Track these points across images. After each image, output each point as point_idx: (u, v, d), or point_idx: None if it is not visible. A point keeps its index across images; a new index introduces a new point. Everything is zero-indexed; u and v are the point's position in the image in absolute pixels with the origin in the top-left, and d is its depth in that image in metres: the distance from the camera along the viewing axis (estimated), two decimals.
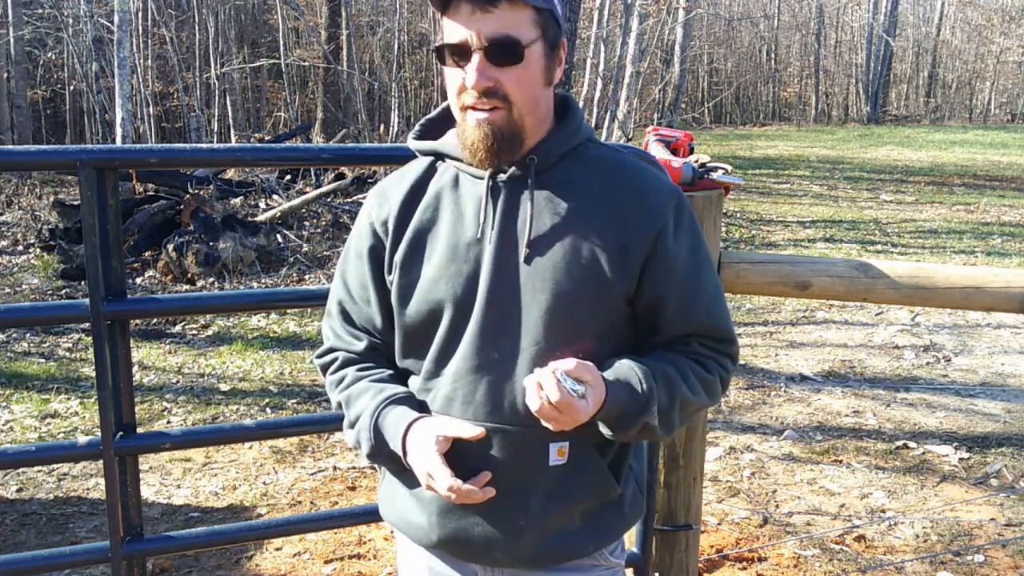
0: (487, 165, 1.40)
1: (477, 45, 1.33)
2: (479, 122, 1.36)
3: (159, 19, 17.34)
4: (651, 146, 2.11)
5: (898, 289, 2.00)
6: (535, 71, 1.38)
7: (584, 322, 1.40)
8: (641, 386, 1.37)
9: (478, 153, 1.38)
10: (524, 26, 1.35)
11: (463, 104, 1.38)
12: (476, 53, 1.34)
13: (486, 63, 1.34)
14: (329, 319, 1.58)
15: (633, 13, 13.09)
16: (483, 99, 1.35)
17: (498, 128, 1.36)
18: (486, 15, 1.32)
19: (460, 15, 1.34)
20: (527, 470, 1.41)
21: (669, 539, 2.16)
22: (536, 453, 1.41)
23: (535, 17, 1.36)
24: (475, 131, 1.37)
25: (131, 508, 1.97)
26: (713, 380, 1.46)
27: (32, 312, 2.83)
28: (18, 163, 2.02)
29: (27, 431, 4.54)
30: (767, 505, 3.77)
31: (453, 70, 1.37)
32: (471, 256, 1.41)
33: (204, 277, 7.45)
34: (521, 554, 1.44)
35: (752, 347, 6.00)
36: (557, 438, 1.40)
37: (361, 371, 1.51)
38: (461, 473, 1.38)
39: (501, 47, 1.33)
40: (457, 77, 1.37)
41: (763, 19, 31.01)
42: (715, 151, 18.37)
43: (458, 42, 1.34)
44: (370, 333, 1.53)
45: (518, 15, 1.34)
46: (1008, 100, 32.67)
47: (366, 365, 1.52)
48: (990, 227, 10.61)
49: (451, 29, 1.35)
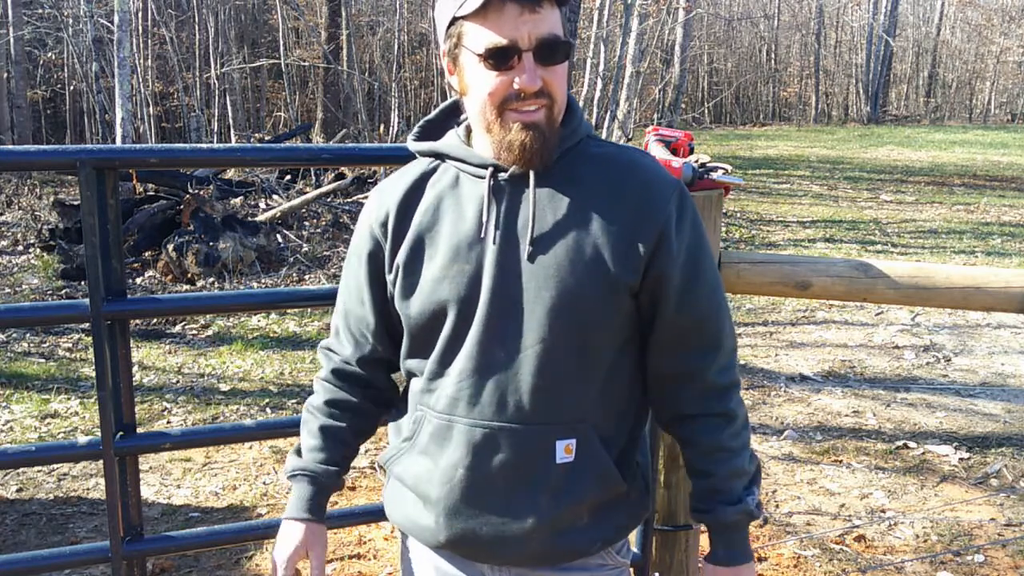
0: (532, 165, 1.40)
1: (527, 46, 1.33)
2: (527, 124, 1.36)
3: (159, 19, 17.34)
4: (651, 146, 2.11)
5: (898, 289, 2.00)
6: (567, 69, 1.41)
7: (589, 318, 1.40)
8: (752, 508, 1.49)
9: (528, 154, 1.38)
10: (560, 25, 1.38)
11: (504, 107, 1.37)
12: (526, 54, 1.34)
13: (535, 64, 1.34)
14: (335, 314, 1.62)
15: (633, 13, 13.08)
16: (531, 99, 1.36)
17: (543, 127, 1.38)
18: (534, 16, 1.33)
19: (506, 18, 1.33)
20: (534, 468, 1.41)
21: (669, 539, 2.16)
22: (543, 451, 1.41)
23: (562, 15, 1.39)
24: (522, 132, 1.37)
25: (131, 508, 1.97)
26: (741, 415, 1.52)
27: (32, 312, 2.82)
28: (18, 163, 2.02)
29: (27, 431, 4.54)
30: (767, 505, 3.77)
31: (489, 73, 1.36)
32: (473, 255, 1.41)
33: (204, 277, 7.45)
34: (531, 552, 1.44)
35: (752, 347, 6.00)
36: (564, 435, 1.41)
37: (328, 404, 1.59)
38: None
39: (551, 47, 1.35)
40: (495, 81, 1.35)
41: (763, 19, 31.01)
42: (715, 151, 18.36)
43: (506, 44, 1.33)
44: (363, 336, 1.55)
45: (555, 14, 1.37)
46: (1008, 100, 32.66)
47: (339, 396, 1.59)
48: (990, 227, 10.61)
49: (492, 32, 1.34)
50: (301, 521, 1.54)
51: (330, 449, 1.57)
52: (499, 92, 1.36)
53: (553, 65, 1.36)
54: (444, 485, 1.43)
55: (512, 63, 1.34)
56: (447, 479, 1.43)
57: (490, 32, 1.34)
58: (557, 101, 1.39)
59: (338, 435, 1.58)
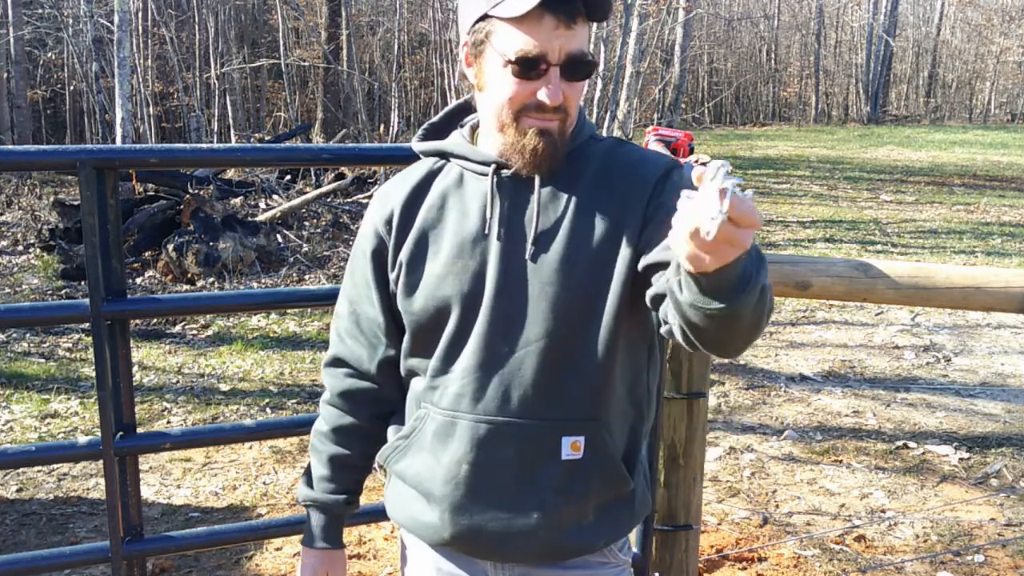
0: (541, 171, 1.41)
1: (557, 61, 1.34)
2: (542, 131, 1.38)
3: (159, 19, 17.34)
4: (651, 146, 2.11)
5: (898, 289, 2.00)
6: (586, 85, 1.43)
7: (593, 313, 1.40)
8: None
9: (538, 159, 1.39)
10: (587, 43, 1.39)
11: (521, 113, 1.38)
12: (554, 69, 1.35)
13: (560, 79, 1.35)
14: (336, 320, 1.59)
15: (633, 13, 13.08)
16: (550, 113, 1.37)
17: (556, 137, 1.39)
18: (568, 31, 1.33)
19: (542, 28, 1.33)
20: (539, 464, 1.41)
21: (669, 539, 2.16)
22: (548, 447, 1.41)
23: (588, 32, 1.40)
24: (536, 139, 1.38)
25: (131, 508, 1.97)
26: None
27: (32, 312, 2.83)
28: (18, 163, 2.02)
29: (27, 431, 4.54)
30: (767, 505, 3.77)
31: (513, 79, 1.36)
32: (477, 252, 1.41)
33: (204, 277, 7.45)
34: (536, 549, 1.44)
35: (752, 347, 6.00)
36: (570, 432, 1.41)
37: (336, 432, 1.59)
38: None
39: (578, 64, 1.36)
40: (517, 87, 1.36)
41: (763, 19, 31.01)
42: (715, 151, 18.36)
43: (537, 55, 1.34)
44: (376, 336, 1.53)
45: (585, 32, 1.37)
46: (1008, 100, 32.67)
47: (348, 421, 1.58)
48: (990, 227, 10.61)
49: (524, 39, 1.34)
50: (319, 550, 1.61)
51: (340, 480, 1.60)
52: (519, 99, 1.37)
53: (576, 81, 1.38)
54: (448, 482, 1.43)
55: (538, 73, 1.35)
56: (451, 475, 1.43)
57: (524, 39, 1.34)
58: (571, 115, 1.41)
59: (347, 463, 1.60)
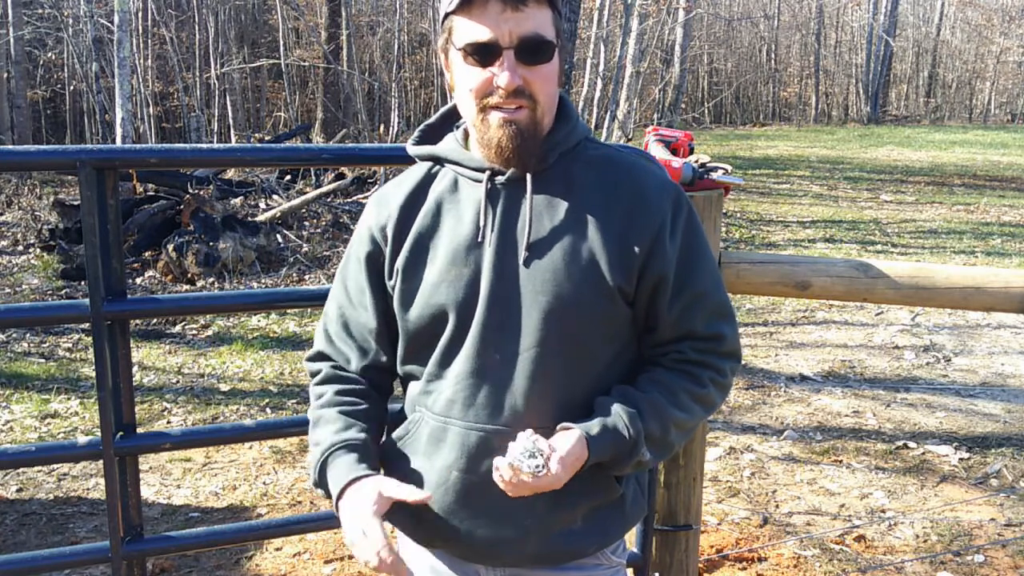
0: (513, 164, 1.39)
1: (508, 44, 1.33)
2: (505, 121, 1.36)
3: (159, 19, 17.34)
4: (651, 146, 2.11)
5: (898, 289, 2.00)
6: (555, 70, 1.39)
7: (584, 324, 1.40)
8: (628, 431, 1.37)
9: (504, 152, 1.37)
10: (547, 26, 1.36)
11: (485, 104, 1.36)
12: (507, 52, 1.33)
13: (516, 62, 1.34)
14: (325, 320, 1.57)
15: (633, 13, 13.08)
16: (510, 98, 1.35)
17: (523, 127, 1.37)
18: (516, 14, 1.32)
19: (488, 14, 1.32)
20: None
21: (669, 539, 2.16)
22: None
23: (553, 17, 1.37)
24: (500, 130, 1.36)
25: (131, 508, 1.97)
26: (708, 393, 1.45)
27: (32, 312, 2.83)
28: (18, 163, 2.02)
29: (27, 431, 4.54)
30: (767, 505, 3.77)
31: (472, 69, 1.36)
32: (471, 259, 1.41)
33: (204, 277, 7.45)
34: (527, 554, 1.45)
35: (752, 347, 6.00)
36: None
37: (339, 395, 1.49)
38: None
39: (533, 46, 1.34)
40: (476, 76, 1.35)
41: (763, 19, 30.99)
42: (715, 151, 18.36)
43: (487, 41, 1.33)
44: (366, 341, 1.52)
45: (543, 14, 1.35)
46: (1008, 100, 32.66)
47: (347, 388, 1.50)
48: (990, 227, 10.61)
49: (474, 28, 1.34)
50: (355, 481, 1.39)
51: (354, 426, 1.46)
52: (480, 89, 1.36)
53: (536, 65, 1.35)
54: (439, 487, 1.43)
55: (492, 59, 1.34)
56: (441, 481, 1.43)
57: (473, 27, 1.34)
58: (540, 103, 1.37)
59: (352, 413, 1.48)
